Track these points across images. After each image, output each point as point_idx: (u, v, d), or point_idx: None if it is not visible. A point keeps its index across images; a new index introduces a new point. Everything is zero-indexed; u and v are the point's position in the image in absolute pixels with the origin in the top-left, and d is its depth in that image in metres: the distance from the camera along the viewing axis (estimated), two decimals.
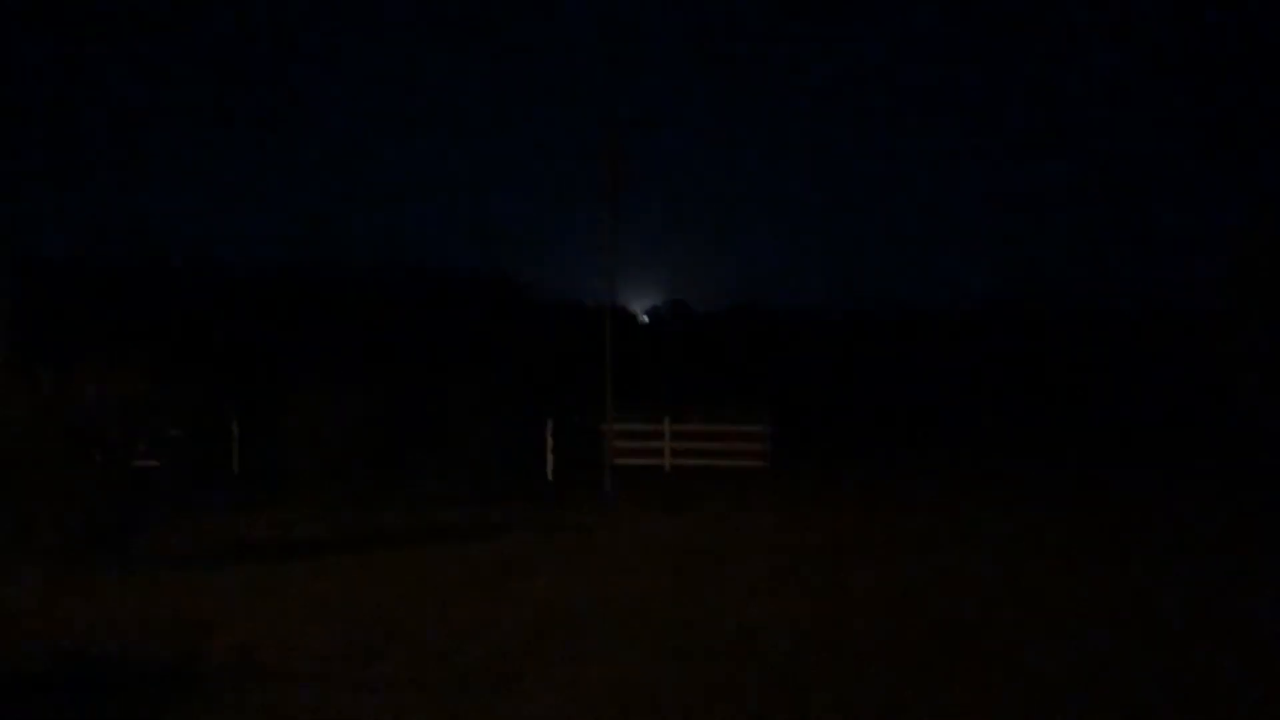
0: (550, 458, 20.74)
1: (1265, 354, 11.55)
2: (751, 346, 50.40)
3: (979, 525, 13.62)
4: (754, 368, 44.76)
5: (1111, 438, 26.81)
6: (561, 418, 21.30)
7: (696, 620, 8.32)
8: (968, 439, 27.87)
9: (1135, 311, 43.95)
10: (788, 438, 26.71)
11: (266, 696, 6.33)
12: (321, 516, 14.96)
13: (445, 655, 7.31)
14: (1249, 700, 6.22)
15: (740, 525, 14.25)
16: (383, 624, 8.23)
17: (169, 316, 30.91)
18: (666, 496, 17.64)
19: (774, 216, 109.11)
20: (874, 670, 6.80)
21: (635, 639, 7.69)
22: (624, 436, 22.10)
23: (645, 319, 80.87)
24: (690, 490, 18.56)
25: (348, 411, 16.72)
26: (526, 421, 21.28)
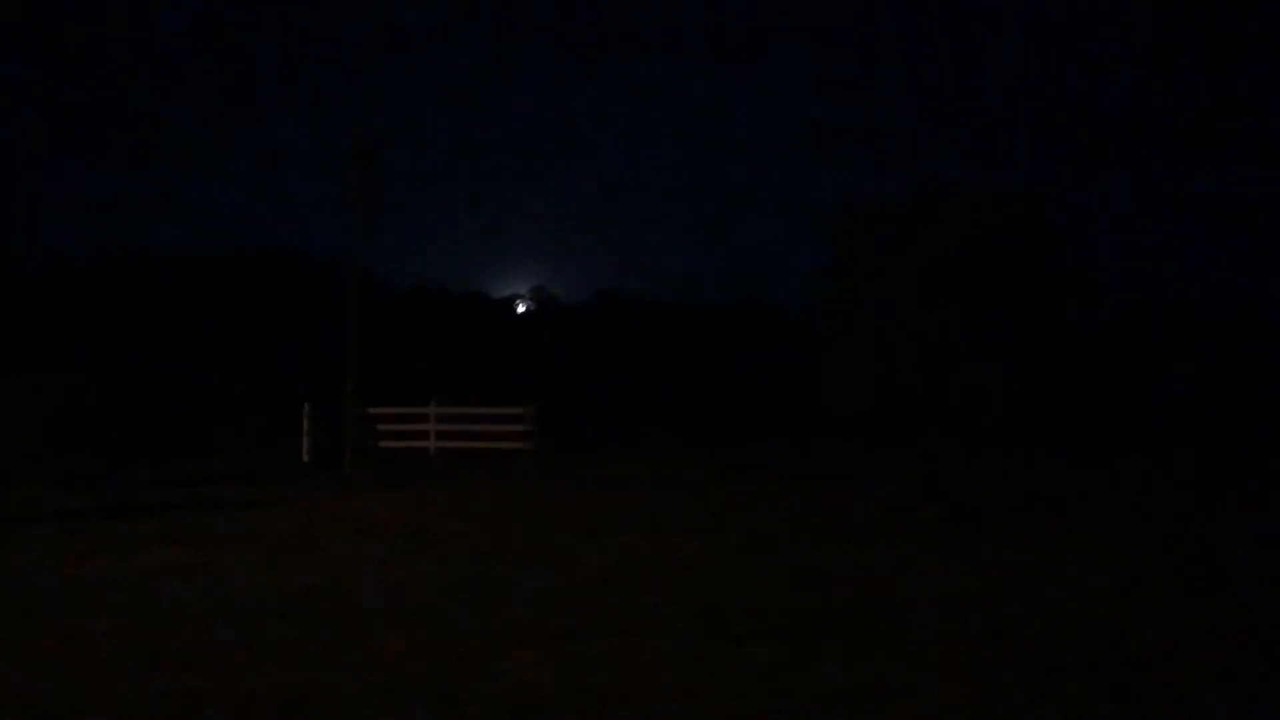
0: (306, 440, 20.95)
1: (843, 341, 12.43)
2: (605, 335, 51.05)
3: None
4: (599, 356, 45.52)
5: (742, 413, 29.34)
6: (324, 400, 21.47)
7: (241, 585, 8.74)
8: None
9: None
10: (578, 421, 27.45)
11: None
12: None
13: None
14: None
15: (423, 502, 14.69)
16: None
17: None
18: (403, 477, 18.00)
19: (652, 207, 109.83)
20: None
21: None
22: (390, 420, 22.48)
23: (524, 306, 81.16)
24: (432, 471, 19.01)
25: (58, 394, 16.66)
26: (285, 404, 21.50)
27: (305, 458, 20.80)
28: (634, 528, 11.47)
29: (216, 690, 5.74)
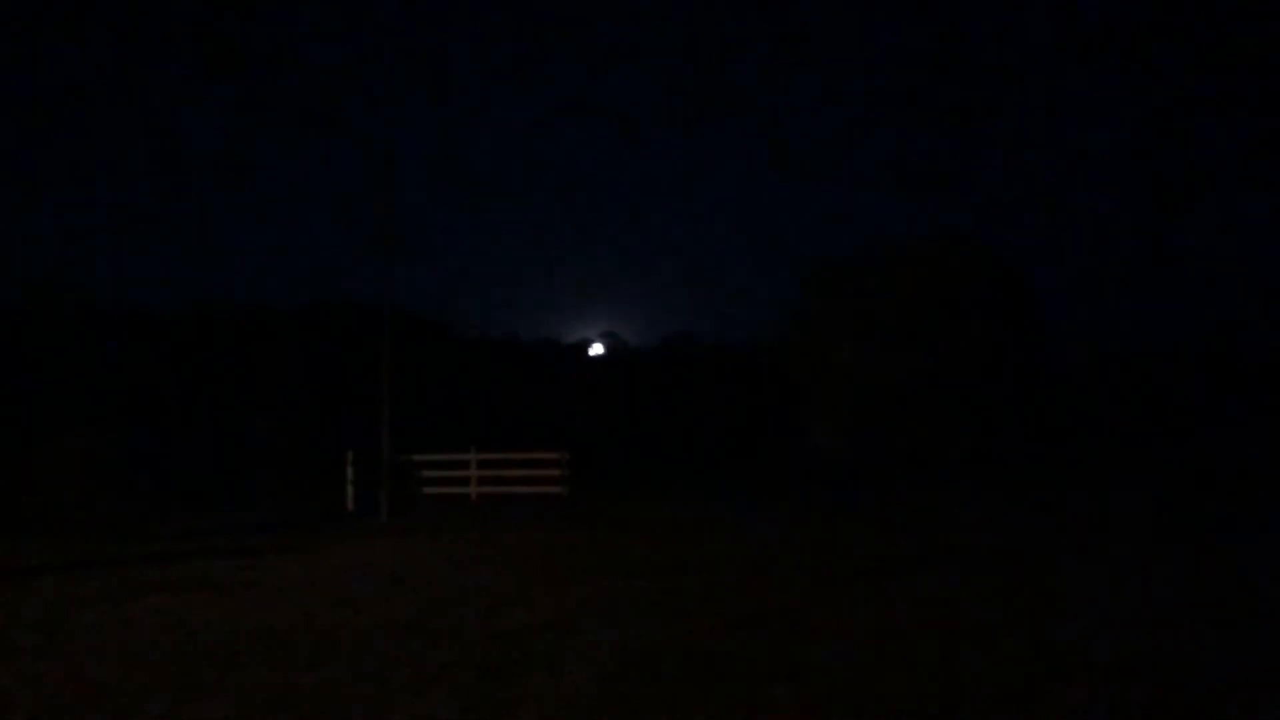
0: (350, 488, 21.57)
1: (816, 386, 12.36)
2: (668, 380, 51.21)
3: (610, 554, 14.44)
4: (659, 400, 45.73)
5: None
6: (367, 449, 22.11)
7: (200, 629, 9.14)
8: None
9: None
10: (621, 465, 27.67)
11: None
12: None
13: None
14: None
15: (423, 549, 15.01)
16: None
17: None
18: (432, 523, 18.41)
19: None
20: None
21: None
22: (430, 466, 23.00)
23: (600, 349, 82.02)
24: (463, 517, 19.37)
25: (110, 448, 17.56)
26: (339, 453, 22.16)
27: (350, 505, 21.43)
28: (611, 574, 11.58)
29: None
